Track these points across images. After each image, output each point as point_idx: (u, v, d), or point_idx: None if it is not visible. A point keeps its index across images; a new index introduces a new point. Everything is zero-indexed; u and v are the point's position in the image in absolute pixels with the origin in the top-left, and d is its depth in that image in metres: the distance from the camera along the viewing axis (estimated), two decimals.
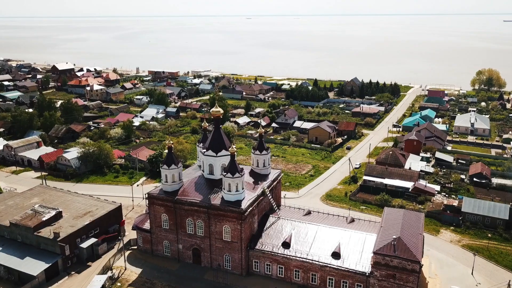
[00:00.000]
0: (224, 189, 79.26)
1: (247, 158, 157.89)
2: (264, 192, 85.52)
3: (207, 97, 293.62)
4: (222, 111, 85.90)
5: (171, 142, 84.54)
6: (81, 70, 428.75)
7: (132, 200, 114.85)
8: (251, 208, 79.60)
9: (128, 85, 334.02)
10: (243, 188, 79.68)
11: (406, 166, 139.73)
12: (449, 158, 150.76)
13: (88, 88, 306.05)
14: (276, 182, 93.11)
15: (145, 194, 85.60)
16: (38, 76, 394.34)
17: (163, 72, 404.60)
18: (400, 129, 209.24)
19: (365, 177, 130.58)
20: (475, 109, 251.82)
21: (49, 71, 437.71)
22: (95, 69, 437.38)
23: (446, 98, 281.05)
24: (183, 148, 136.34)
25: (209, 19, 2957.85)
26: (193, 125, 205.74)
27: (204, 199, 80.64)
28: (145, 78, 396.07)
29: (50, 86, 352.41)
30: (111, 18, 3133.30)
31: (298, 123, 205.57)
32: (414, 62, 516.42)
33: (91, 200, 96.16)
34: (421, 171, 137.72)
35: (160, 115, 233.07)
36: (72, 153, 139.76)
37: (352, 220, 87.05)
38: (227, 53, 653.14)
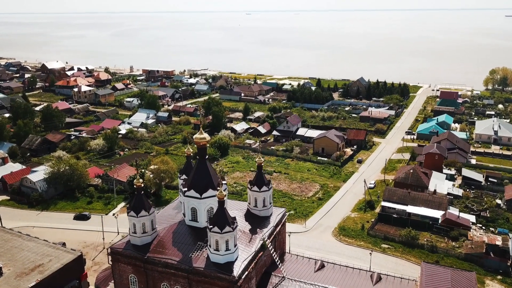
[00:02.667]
0: (210, 246, 58.97)
1: (244, 175, 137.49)
2: (264, 245, 65.20)
3: (203, 99, 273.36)
4: (208, 138, 65.35)
5: (141, 181, 63.92)
6: (72, 69, 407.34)
7: (103, 238, 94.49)
8: (247, 272, 59.33)
9: (119, 85, 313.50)
10: (235, 246, 59.40)
11: (430, 187, 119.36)
12: (478, 176, 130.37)
13: (75, 90, 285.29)
14: (280, 225, 72.76)
15: (108, 249, 65.07)
16: (27, 76, 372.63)
17: (157, 71, 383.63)
18: (414, 137, 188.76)
19: (384, 204, 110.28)
20: (493, 112, 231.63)
21: (38, 70, 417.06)
22: (86, 68, 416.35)
23: (460, 100, 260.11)
24: (168, 169, 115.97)
25: (209, 15, 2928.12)
26: (185, 133, 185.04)
27: (184, 259, 60.36)
28: (138, 78, 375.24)
29: (37, 86, 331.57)
30: (110, 14, 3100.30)
31: (301, 131, 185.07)
32: (418, 60, 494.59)
33: (45, 247, 75.84)
34: (448, 194, 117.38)
35: (150, 121, 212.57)
36: (38, 174, 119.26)
37: (379, 279, 66.64)
38: (226, 50, 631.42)
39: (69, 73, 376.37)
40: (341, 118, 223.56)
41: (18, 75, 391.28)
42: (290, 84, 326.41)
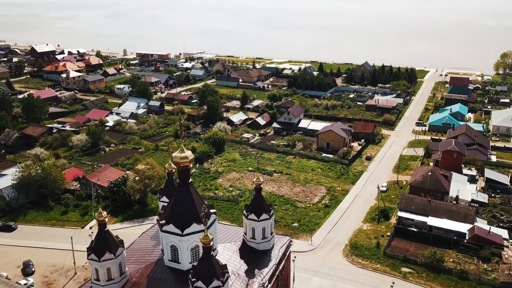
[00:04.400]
0: None
1: (241, 176, 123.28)
2: None
3: (199, 85, 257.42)
4: (191, 157, 50.64)
5: (104, 214, 49.40)
6: (62, 52, 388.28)
7: (74, 262, 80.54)
8: None
9: (111, 70, 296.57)
10: None
11: (452, 193, 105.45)
12: (503, 179, 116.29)
13: (64, 76, 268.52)
14: (284, 260, 58.92)
15: None
16: (15, 60, 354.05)
17: (152, 55, 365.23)
18: (426, 129, 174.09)
19: (400, 214, 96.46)
20: (508, 100, 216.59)
21: (28, 53, 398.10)
22: (78, 51, 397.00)
23: (471, 86, 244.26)
24: (153, 174, 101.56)
25: None
26: (178, 124, 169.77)
27: None
28: (132, 62, 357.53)
29: (24, 72, 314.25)
30: None
31: (304, 123, 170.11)
32: (424, 42, 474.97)
33: None
34: (472, 201, 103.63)
35: (140, 111, 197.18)
36: (6, 179, 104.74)
37: None
38: (224, 32, 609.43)
39: (59, 57, 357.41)
40: (346, 107, 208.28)
41: (5, 59, 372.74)
42: (290, 68, 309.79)
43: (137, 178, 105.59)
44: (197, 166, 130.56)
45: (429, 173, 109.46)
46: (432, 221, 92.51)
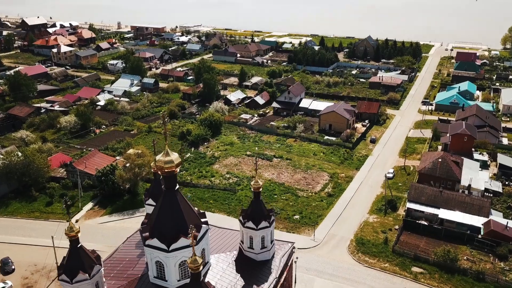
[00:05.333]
0: None
1: (239, 161, 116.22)
2: None
3: (195, 60, 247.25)
4: (177, 161, 42.90)
5: (75, 228, 42.03)
6: (54, 25, 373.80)
7: (56, 263, 74.17)
8: None
9: (104, 44, 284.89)
10: None
11: (463, 181, 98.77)
12: None
13: (55, 50, 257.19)
14: (286, 272, 52.34)
15: None
16: (4, 33, 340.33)
17: (147, 28, 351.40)
18: (432, 108, 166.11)
19: (409, 205, 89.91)
20: None
21: (18, 26, 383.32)
22: (70, 24, 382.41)
23: (479, 62, 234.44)
24: (143, 163, 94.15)
25: None
26: (173, 104, 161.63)
27: None
28: (126, 35, 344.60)
29: (15, 46, 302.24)
30: None
31: (305, 102, 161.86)
32: (428, 15, 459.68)
33: None
34: (485, 190, 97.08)
35: (134, 88, 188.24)
36: None
37: None
38: (221, 3, 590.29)
39: (50, 30, 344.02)
40: (348, 84, 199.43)
41: None
42: (290, 42, 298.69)
43: (128, 165, 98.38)
44: (192, 150, 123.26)
45: (440, 160, 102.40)
46: (443, 213, 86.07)
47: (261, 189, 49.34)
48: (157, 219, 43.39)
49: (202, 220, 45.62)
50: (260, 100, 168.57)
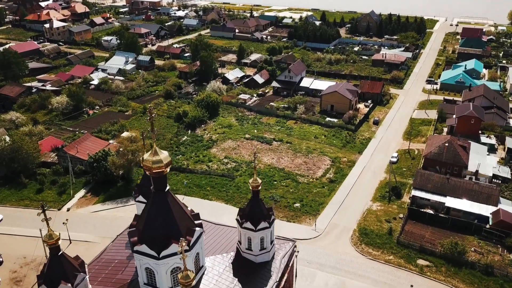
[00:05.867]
0: None
1: (237, 145, 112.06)
2: None
3: (192, 36, 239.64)
4: (167, 161, 38.48)
5: (55, 235, 37.88)
6: None
7: (46, 256, 70.90)
8: None
9: (98, 19, 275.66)
10: None
11: (470, 166, 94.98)
12: None
13: (47, 26, 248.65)
14: (286, 273, 48.90)
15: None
16: None
17: (142, 2, 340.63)
18: (437, 87, 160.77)
19: (414, 193, 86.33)
20: None
21: (9, 0, 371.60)
22: None
23: (485, 38, 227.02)
24: (137, 148, 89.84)
25: None
26: (169, 83, 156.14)
27: None
28: (121, 10, 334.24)
29: (6, 21, 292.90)
30: None
31: (306, 81, 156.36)
32: None
33: None
34: (493, 176, 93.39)
35: (129, 66, 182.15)
36: None
37: None
38: None
39: (43, 4, 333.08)
40: (351, 61, 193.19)
41: None
42: (291, 17, 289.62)
43: (121, 149, 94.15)
44: (189, 133, 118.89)
45: (446, 144, 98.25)
46: (450, 202, 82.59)
47: (260, 187, 45.26)
48: (146, 223, 39.52)
49: (196, 222, 41.81)
50: (259, 79, 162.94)
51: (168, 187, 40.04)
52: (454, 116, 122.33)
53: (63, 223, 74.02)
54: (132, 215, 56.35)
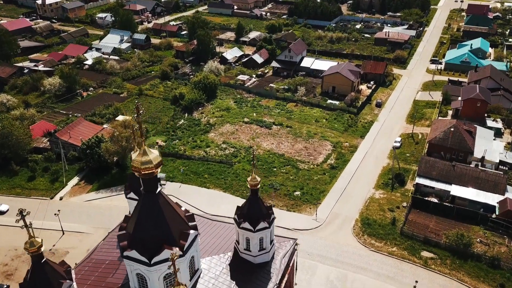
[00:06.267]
0: None
1: (235, 129, 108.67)
2: None
3: (189, 12, 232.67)
4: (157, 161, 35.15)
5: (36, 244, 34.82)
6: None
7: None
8: None
9: None
10: None
11: (476, 152, 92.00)
12: None
13: (39, 2, 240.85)
14: (287, 274, 46.42)
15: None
16: None
17: None
18: (442, 67, 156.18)
19: (419, 180, 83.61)
20: None
21: None
22: None
23: (491, 15, 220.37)
24: (130, 135, 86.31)
25: None
26: (166, 63, 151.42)
27: None
28: None
29: None
30: None
31: (307, 61, 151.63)
32: None
33: None
34: (500, 162, 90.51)
35: (124, 45, 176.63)
36: None
37: None
38: None
39: None
40: (352, 40, 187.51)
41: None
42: None
43: (116, 133, 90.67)
44: (186, 117, 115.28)
45: (452, 129, 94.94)
46: (455, 190, 79.97)
47: (259, 185, 42.22)
48: (136, 227, 36.66)
49: (190, 224, 38.96)
50: (258, 58, 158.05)
51: (159, 188, 36.96)
52: (459, 98, 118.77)
53: (55, 214, 71.65)
54: (127, 204, 53.62)
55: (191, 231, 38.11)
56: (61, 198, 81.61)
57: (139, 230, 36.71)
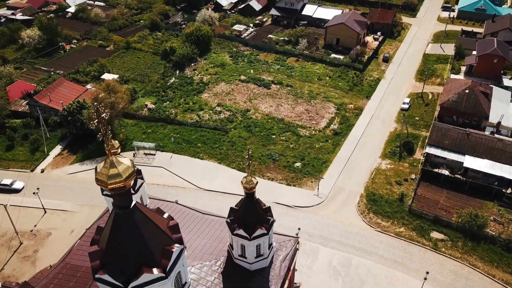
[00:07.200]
0: None
1: (231, 89, 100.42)
2: None
3: None
4: (128, 173, 28.27)
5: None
6: None
7: (16, 232, 62.94)
8: None
9: None
10: None
11: (492, 117, 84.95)
12: None
13: None
14: (287, 280, 41.20)
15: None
16: None
17: None
18: (454, 16, 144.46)
19: (429, 150, 77.26)
20: None
21: None
22: None
23: None
24: (116, 100, 78.14)
25: None
26: (155, 11, 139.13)
27: None
28: None
29: None
30: None
31: (309, 9, 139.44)
32: None
33: None
34: None
35: None
36: None
37: None
38: None
39: None
40: None
41: None
42: None
43: (101, 95, 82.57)
44: (177, 74, 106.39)
45: (467, 91, 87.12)
46: (469, 161, 73.91)
47: (255, 189, 35.69)
48: (109, 245, 30.57)
49: (174, 236, 32.89)
50: (256, 5, 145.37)
51: (134, 202, 30.43)
52: (474, 53, 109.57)
53: (34, 193, 65.79)
54: None
55: (175, 247, 32.07)
56: (42, 171, 75.45)
57: (112, 249, 30.66)
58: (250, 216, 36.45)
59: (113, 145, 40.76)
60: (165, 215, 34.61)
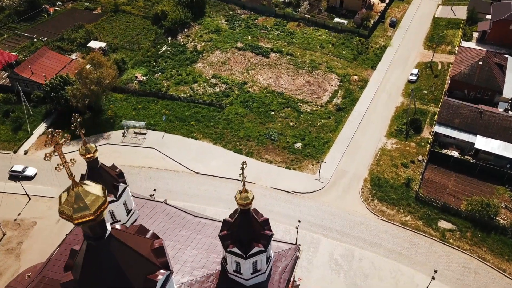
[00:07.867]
0: None
1: (227, 58, 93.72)
2: None
3: None
4: (97, 205, 23.51)
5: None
6: None
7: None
8: None
9: None
10: None
11: (506, 91, 79.51)
12: None
13: None
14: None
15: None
16: None
17: None
18: None
19: (438, 129, 72.43)
20: None
21: None
22: None
23: None
24: (101, 76, 71.89)
25: None
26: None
27: None
28: None
29: None
30: None
31: None
32: None
33: None
34: None
35: None
36: None
37: None
38: None
39: None
40: None
41: None
42: None
43: (88, 67, 76.52)
44: (169, 41, 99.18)
45: (480, 63, 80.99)
46: (481, 142, 69.35)
47: (251, 204, 31.22)
48: (83, 276, 26.57)
49: (159, 260, 28.90)
50: None
51: (109, 230, 26.02)
52: (488, 17, 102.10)
53: (15, 181, 61.52)
54: (104, 160, 43.78)
55: (160, 274, 28.17)
56: (25, 152, 70.77)
57: (87, 281, 26.70)
58: (245, 232, 32.32)
59: (88, 149, 36.29)
60: (149, 234, 30.58)
